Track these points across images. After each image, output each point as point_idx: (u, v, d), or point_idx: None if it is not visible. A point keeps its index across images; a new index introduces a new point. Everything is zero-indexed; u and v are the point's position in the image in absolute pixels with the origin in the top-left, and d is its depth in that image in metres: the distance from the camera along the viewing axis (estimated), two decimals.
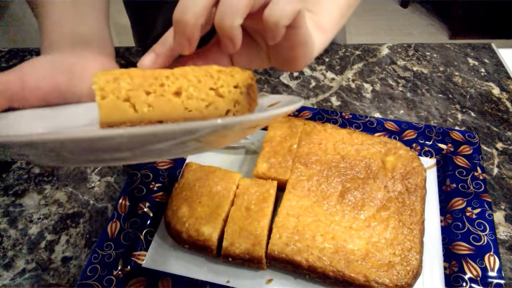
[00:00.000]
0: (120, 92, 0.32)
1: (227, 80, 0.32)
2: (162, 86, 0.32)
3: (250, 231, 0.43)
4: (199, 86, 0.32)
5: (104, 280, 0.42)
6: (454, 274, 0.42)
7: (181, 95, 0.32)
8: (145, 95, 0.32)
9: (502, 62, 0.73)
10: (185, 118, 0.33)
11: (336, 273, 0.40)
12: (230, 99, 0.33)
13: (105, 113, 0.32)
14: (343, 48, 0.77)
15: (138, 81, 0.32)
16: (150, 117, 0.33)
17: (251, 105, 0.33)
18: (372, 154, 0.50)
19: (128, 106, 0.32)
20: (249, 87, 0.32)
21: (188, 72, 0.32)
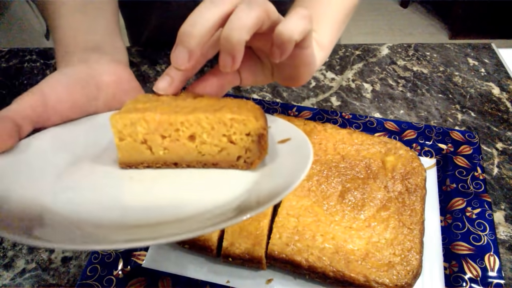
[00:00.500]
0: (137, 135, 0.34)
1: (240, 128, 0.33)
2: (177, 131, 0.34)
3: (250, 231, 0.43)
4: (212, 132, 0.34)
5: (104, 280, 0.42)
6: (454, 274, 0.42)
7: (195, 140, 0.34)
8: (161, 139, 0.34)
9: (502, 62, 0.73)
10: (198, 161, 0.35)
11: (336, 273, 0.40)
12: (242, 146, 0.34)
13: (124, 154, 0.35)
14: (343, 48, 0.77)
15: (153, 126, 0.33)
16: (165, 159, 0.35)
17: (261, 153, 0.34)
18: (372, 154, 0.50)
19: (145, 148, 0.35)
20: (261, 137, 0.33)
21: (202, 120, 0.33)
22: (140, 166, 0.36)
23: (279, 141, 0.37)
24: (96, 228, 0.28)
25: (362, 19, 2.57)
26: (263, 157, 0.35)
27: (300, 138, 0.36)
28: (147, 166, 0.36)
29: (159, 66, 0.73)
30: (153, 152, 0.35)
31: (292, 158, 0.34)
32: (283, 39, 0.30)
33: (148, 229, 0.28)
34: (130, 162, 0.35)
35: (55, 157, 0.35)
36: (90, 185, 0.34)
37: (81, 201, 0.31)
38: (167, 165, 0.36)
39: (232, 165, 0.36)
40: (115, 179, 0.35)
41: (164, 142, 0.34)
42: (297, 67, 0.37)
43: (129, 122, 0.33)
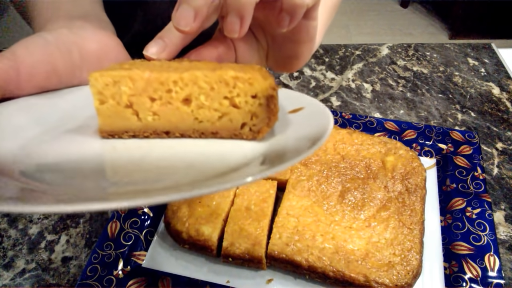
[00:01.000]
0: (121, 97, 0.28)
1: (245, 89, 0.28)
2: (169, 93, 0.28)
3: (250, 231, 0.43)
4: (211, 94, 0.28)
5: (104, 280, 0.42)
6: (454, 274, 0.42)
7: (191, 103, 0.29)
8: (149, 102, 0.29)
9: (502, 62, 0.73)
10: (195, 129, 0.30)
11: (336, 273, 0.40)
12: (247, 111, 0.28)
13: (105, 120, 0.29)
14: (343, 48, 0.77)
15: (141, 86, 0.28)
16: (155, 127, 0.30)
17: (271, 120, 0.28)
18: (372, 154, 0.50)
19: (130, 114, 0.29)
20: (270, 98, 0.28)
21: (199, 78, 0.28)
22: (125, 135, 0.30)
23: (290, 111, 0.31)
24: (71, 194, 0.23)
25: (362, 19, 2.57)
26: (272, 124, 0.29)
27: (316, 106, 0.30)
28: (132, 136, 0.30)
29: None
30: (140, 118, 0.29)
31: (307, 126, 0.28)
32: (295, 2, 0.27)
33: (132, 190, 0.23)
34: (113, 130, 0.30)
35: (23, 127, 0.30)
36: (61, 157, 0.28)
37: (50, 174, 0.26)
38: (157, 134, 0.30)
39: (235, 134, 0.30)
40: (93, 149, 0.29)
41: (153, 105, 0.28)
42: (299, 43, 0.33)
43: (112, 80, 0.28)
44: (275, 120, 0.29)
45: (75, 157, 0.28)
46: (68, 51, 0.33)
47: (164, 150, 0.29)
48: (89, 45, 0.35)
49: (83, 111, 0.32)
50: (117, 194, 0.22)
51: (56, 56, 0.32)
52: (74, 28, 0.35)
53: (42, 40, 0.32)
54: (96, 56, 0.35)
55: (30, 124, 0.30)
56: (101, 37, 0.36)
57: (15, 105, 0.30)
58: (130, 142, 0.30)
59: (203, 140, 0.30)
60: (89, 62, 0.35)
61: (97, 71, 0.28)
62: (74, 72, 0.34)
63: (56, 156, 0.28)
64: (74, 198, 0.21)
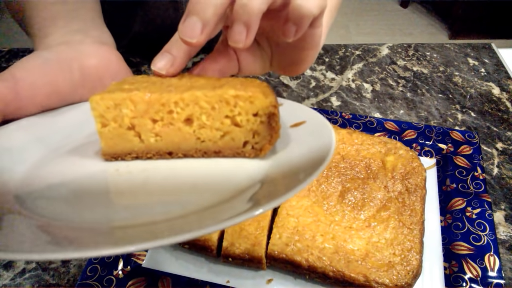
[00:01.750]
0: (123, 119, 0.28)
1: (246, 107, 0.28)
2: (170, 113, 0.28)
3: (250, 231, 0.43)
4: (213, 113, 0.28)
5: (104, 280, 0.42)
6: (454, 274, 0.42)
7: (193, 123, 0.29)
8: (151, 123, 0.28)
9: (502, 62, 0.73)
10: (197, 149, 0.30)
11: (336, 273, 0.40)
12: (249, 129, 0.29)
13: (107, 143, 0.29)
14: (343, 48, 0.77)
15: (142, 108, 0.28)
16: (157, 148, 0.29)
17: (272, 137, 0.28)
18: (372, 154, 0.50)
19: (132, 135, 0.29)
20: (271, 116, 0.28)
21: (200, 98, 0.27)
22: (128, 157, 0.30)
23: (291, 125, 0.31)
24: (72, 231, 0.22)
25: (362, 19, 2.57)
26: (274, 141, 0.29)
27: (317, 120, 0.30)
28: (135, 157, 0.30)
29: None
30: (143, 139, 0.29)
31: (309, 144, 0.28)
32: (302, 13, 0.26)
33: (138, 229, 0.22)
34: (116, 153, 0.29)
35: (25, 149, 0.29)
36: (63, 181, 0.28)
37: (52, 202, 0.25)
38: (160, 155, 0.30)
39: (237, 153, 0.30)
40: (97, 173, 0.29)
41: (155, 127, 0.28)
42: (304, 50, 0.33)
43: (113, 103, 0.27)
44: (277, 137, 0.29)
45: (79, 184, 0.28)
46: (68, 69, 0.33)
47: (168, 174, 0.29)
48: (89, 61, 0.34)
49: (83, 129, 0.32)
50: (123, 230, 0.22)
51: (56, 75, 0.32)
52: (74, 44, 0.35)
53: (41, 60, 0.32)
54: (96, 72, 0.35)
55: (32, 145, 0.30)
56: (100, 51, 0.36)
57: (16, 126, 0.30)
58: (133, 164, 0.29)
59: (206, 160, 0.30)
60: (90, 79, 0.34)
61: (97, 94, 0.28)
62: (75, 90, 0.34)
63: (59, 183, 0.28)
64: (81, 242, 0.21)
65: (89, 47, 0.35)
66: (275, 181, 0.26)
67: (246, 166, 0.29)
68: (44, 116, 0.32)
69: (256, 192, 0.25)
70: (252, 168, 0.29)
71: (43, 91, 0.31)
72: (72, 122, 0.33)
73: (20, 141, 0.30)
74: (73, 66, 0.33)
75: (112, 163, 0.30)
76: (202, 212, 0.23)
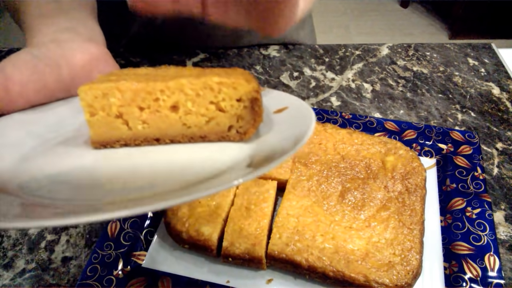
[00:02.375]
0: (111, 108, 0.29)
1: (229, 93, 0.29)
2: (156, 101, 0.29)
3: (250, 231, 0.43)
4: (197, 100, 0.29)
5: (104, 280, 0.42)
6: (454, 274, 0.42)
7: (179, 110, 0.30)
8: (138, 111, 0.29)
9: (502, 62, 0.73)
10: (184, 134, 0.31)
11: (336, 273, 0.40)
12: (233, 114, 0.30)
13: (96, 132, 0.30)
14: (343, 48, 0.77)
15: (129, 96, 0.29)
16: (145, 135, 0.31)
17: (256, 120, 0.30)
18: (372, 154, 0.50)
19: (120, 123, 0.30)
20: (254, 101, 0.29)
21: (185, 85, 0.29)
22: (116, 145, 0.31)
23: (274, 111, 0.33)
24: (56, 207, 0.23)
25: (362, 19, 2.58)
26: (257, 125, 0.30)
27: (298, 104, 0.31)
28: (124, 144, 0.31)
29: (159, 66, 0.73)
30: (130, 127, 0.30)
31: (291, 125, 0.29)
32: None
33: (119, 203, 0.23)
34: (104, 140, 0.31)
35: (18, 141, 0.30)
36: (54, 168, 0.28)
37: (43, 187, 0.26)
38: (147, 142, 0.31)
39: (222, 137, 0.31)
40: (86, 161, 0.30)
41: (142, 114, 0.29)
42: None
43: (101, 93, 0.28)
44: (260, 121, 0.30)
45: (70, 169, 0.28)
46: (57, 66, 0.34)
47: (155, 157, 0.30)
48: (77, 58, 0.35)
49: (72, 122, 0.33)
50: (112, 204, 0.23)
51: (45, 72, 0.33)
52: (62, 42, 0.35)
53: (30, 57, 0.33)
54: (84, 68, 0.35)
55: (24, 138, 0.31)
56: (88, 48, 0.36)
57: (8, 121, 0.31)
58: (121, 151, 0.31)
59: (192, 144, 0.31)
60: (78, 75, 0.35)
61: (86, 84, 0.29)
62: (63, 86, 0.34)
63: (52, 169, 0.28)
64: (72, 211, 0.22)
65: (77, 44, 0.36)
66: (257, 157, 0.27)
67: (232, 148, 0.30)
68: (34, 111, 0.33)
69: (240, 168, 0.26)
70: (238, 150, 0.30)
71: (33, 87, 0.32)
72: (61, 116, 0.34)
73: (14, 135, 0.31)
74: (61, 63, 0.34)
75: (101, 150, 0.31)
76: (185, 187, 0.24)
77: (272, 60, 0.75)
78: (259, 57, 0.75)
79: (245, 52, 0.76)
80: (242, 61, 0.74)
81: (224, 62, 0.74)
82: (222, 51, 0.76)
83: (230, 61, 0.74)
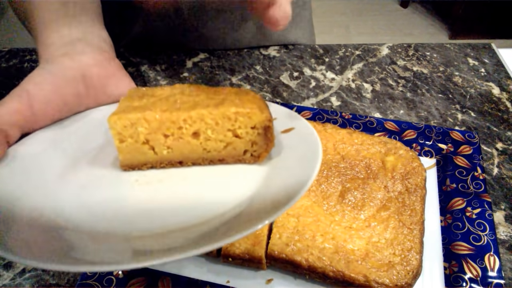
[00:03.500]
0: (139, 136, 0.32)
1: (245, 122, 0.32)
2: (180, 129, 0.32)
3: None
4: (217, 128, 0.32)
5: (104, 280, 0.42)
6: (454, 274, 0.42)
7: (200, 137, 0.33)
8: (163, 138, 0.33)
9: (502, 62, 0.73)
10: (204, 158, 0.34)
11: (336, 273, 0.40)
12: (248, 140, 0.33)
13: (125, 156, 0.33)
14: (343, 48, 0.77)
15: (155, 125, 0.32)
16: (170, 159, 0.34)
17: (268, 146, 0.33)
18: (372, 154, 0.50)
19: (147, 149, 0.33)
20: (266, 129, 0.33)
21: (205, 116, 0.32)
22: (144, 167, 0.34)
23: (282, 131, 0.36)
24: (120, 241, 0.26)
25: (362, 19, 2.57)
26: (270, 149, 0.34)
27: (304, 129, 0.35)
28: (150, 167, 0.34)
29: (159, 66, 0.73)
30: (156, 152, 0.33)
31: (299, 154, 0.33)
32: None
33: (159, 239, 0.26)
34: (133, 164, 0.34)
35: (50, 161, 0.33)
36: (91, 191, 0.32)
37: (94, 209, 0.30)
38: (172, 165, 0.34)
39: (238, 160, 0.35)
40: (120, 183, 0.33)
41: (167, 141, 0.33)
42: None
43: (129, 123, 0.32)
44: (272, 146, 0.34)
45: (106, 199, 0.32)
46: (74, 82, 0.35)
47: (177, 188, 0.33)
48: (93, 73, 0.37)
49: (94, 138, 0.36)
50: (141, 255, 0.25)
51: (64, 88, 0.35)
52: (75, 55, 0.37)
53: (49, 74, 0.34)
54: (98, 81, 0.37)
55: (54, 160, 0.34)
56: (101, 61, 0.38)
57: (34, 140, 0.34)
58: (149, 173, 0.34)
59: (212, 168, 0.35)
60: (93, 88, 0.37)
61: (114, 114, 0.31)
62: (81, 100, 0.36)
63: (87, 197, 0.31)
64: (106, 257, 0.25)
65: (89, 57, 0.38)
66: (275, 191, 0.30)
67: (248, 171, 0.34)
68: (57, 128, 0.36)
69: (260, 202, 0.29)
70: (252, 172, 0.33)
71: (54, 105, 0.34)
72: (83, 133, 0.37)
73: (44, 152, 0.33)
74: (78, 79, 0.36)
75: (131, 173, 0.34)
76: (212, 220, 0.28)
77: (272, 60, 0.75)
78: (259, 57, 0.75)
79: (245, 52, 0.76)
80: (242, 61, 0.74)
81: (224, 62, 0.74)
82: (222, 51, 0.76)
83: (230, 61, 0.74)
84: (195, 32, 0.73)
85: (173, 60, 0.74)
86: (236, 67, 0.73)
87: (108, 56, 0.39)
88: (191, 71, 0.72)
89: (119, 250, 0.25)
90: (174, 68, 0.72)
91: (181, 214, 0.29)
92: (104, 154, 0.35)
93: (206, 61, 0.74)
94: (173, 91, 0.35)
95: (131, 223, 0.29)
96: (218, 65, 0.73)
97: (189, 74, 0.71)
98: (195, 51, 0.76)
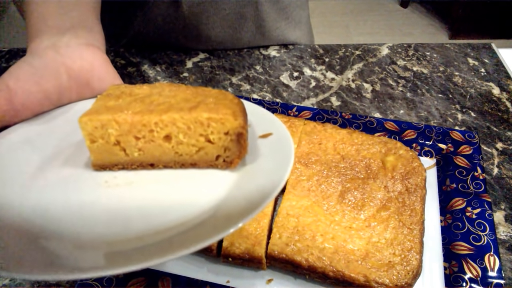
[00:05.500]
0: (109, 137, 0.32)
1: (217, 128, 0.32)
2: (151, 132, 0.32)
3: (250, 231, 0.43)
4: (189, 132, 0.32)
5: (104, 280, 0.42)
6: (454, 274, 0.42)
7: (171, 140, 0.33)
8: (134, 140, 0.32)
9: (502, 62, 0.73)
10: (176, 161, 0.34)
11: (336, 273, 0.40)
12: (220, 146, 0.33)
13: (97, 156, 0.33)
14: (343, 48, 0.77)
15: (126, 128, 0.32)
16: (141, 161, 0.34)
17: (241, 152, 0.33)
18: (372, 154, 0.50)
19: (118, 150, 0.33)
20: (239, 135, 0.32)
21: (177, 120, 0.31)
22: (115, 168, 0.34)
23: (260, 136, 0.36)
24: (75, 248, 0.26)
25: (362, 19, 2.57)
26: (242, 156, 0.34)
27: (282, 135, 0.35)
28: (122, 168, 0.34)
29: (159, 66, 0.73)
30: (128, 153, 0.33)
31: (273, 159, 0.33)
32: None
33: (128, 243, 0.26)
34: (104, 164, 0.34)
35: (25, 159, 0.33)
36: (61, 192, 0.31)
37: (52, 212, 0.29)
38: (143, 166, 0.34)
39: (211, 165, 0.34)
40: (89, 185, 0.33)
41: (138, 143, 0.33)
42: None
43: (100, 124, 0.31)
44: (245, 153, 0.33)
45: (74, 201, 0.31)
46: (56, 74, 0.35)
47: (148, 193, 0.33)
48: (76, 65, 0.36)
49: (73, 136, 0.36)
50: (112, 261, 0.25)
51: (46, 82, 0.34)
52: (61, 48, 0.36)
53: (31, 68, 0.34)
54: (82, 75, 0.37)
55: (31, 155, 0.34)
56: (87, 54, 0.37)
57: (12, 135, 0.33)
58: (120, 175, 0.34)
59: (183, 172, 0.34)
60: (77, 82, 0.36)
61: (85, 115, 0.31)
62: (63, 94, 0.36)
63: (56, 198, 0.31)
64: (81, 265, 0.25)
65: (75, 50, 0.37)
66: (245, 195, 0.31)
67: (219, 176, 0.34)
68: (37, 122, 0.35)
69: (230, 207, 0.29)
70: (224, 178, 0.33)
71: (36, 98, 0.33)
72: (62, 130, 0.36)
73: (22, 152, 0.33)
74: (61, 72, 0.35)
75: (101, 173, 0.34)
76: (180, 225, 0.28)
77: (272, 60, 0.75)
78: (259, 57, 0.75)
79: (245, 52, 0.76)
80: (242, 61, 0.74)
81: (224, 62, 0.74)
82: (222, 51, 0.76)
83: (230, 61, 0.74)
84: (195, 32, 0.73)
85: (173, 60, 0.74)
86: (236, 67, 0.73)
87: (94, 50, 0.38)
88: (191, 71, 0.72)
89: (64, 255, 0.25)
90: (174, 68, 0.72)
91: (140, 221, 0.29)
92: (80, 152, 0.35)
93: (206, 61, 0.74)
94: (152, 91, 0.34)
95: (87, 226, 0.28)
96: (218, 65, 0.73)
97: (189, 74, 0.71)
98: (195, 51, 0.76)
